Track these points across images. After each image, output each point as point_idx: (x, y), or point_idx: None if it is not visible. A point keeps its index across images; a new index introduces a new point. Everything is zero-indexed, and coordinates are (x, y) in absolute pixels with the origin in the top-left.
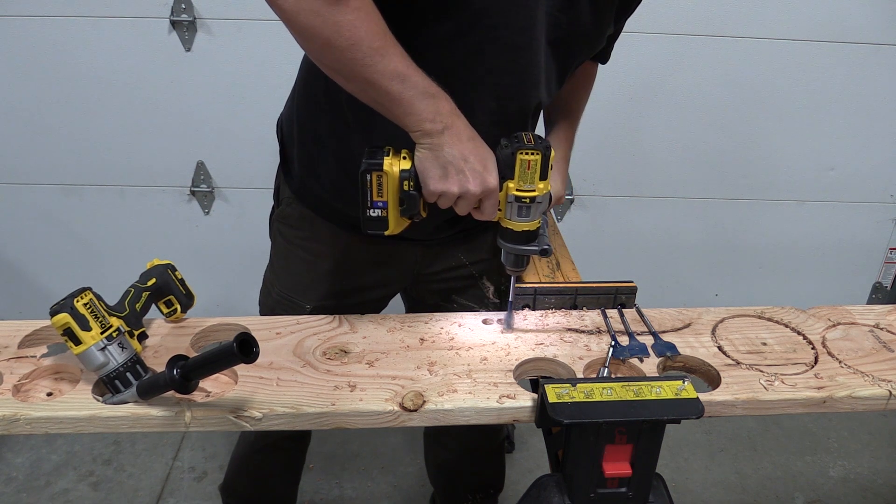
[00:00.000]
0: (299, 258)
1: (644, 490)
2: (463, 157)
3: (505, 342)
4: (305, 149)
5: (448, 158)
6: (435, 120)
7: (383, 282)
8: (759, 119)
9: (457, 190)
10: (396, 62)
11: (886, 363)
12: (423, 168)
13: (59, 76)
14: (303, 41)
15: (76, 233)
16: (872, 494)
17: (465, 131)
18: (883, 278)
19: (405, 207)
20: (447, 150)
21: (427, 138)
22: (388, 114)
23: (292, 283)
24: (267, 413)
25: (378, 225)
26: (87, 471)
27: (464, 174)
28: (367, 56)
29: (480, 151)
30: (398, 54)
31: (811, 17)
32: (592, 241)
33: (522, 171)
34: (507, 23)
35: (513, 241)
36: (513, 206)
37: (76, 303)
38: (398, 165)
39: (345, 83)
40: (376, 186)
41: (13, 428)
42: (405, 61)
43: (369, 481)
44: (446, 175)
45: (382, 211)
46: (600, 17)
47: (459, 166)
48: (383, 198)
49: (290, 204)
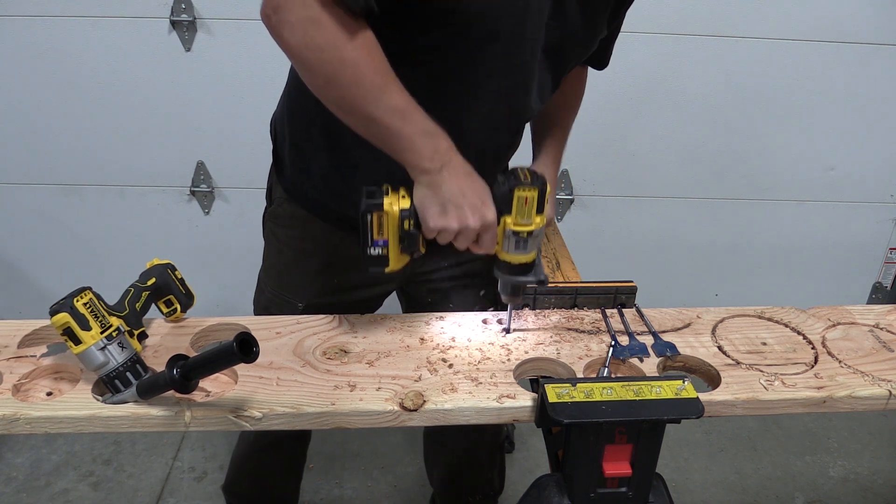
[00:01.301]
0: (291, 257)
1: (644, 490)
2: (461, 192)
3: (505, 342)
4: (297, 147)
5: (447, 195)
6: (433, 158)
7: (376, 280)
8: (759, 119)
9: (456, 226)
10: (397, 99)
11: (886, 363)
12: (423, 206)
13: (59, 76)
14: (306, 75)
15: (76, 233)
16: (872, 494)
17: (462, 167)
18: (883, 278)
19: (405, 245)
20: (446, 186)
21: (426, 176)
22: (387, 149)
23: (285, 281)
24: (267, 413)
25: (379, 263)
26: (87, 471)
27: (462, 210)
28: (370, 92)
29: (477, 187)
30: (399, 91)
31: (811, 17)
32: (592, 241)
33: (520, 206)
34: (502, 31)
35: (510, 273)
36: (510, 240)
37: (76, 302)
38: (398, 205)
39: (345, 117)
40: (377, 226)
41: (13, 428)
42: (406, 98)
43: (369, 481)
44: (445, 211)
45: (383, 249)
46: (591, 22)
47: (458, 202)
48: (384, 236)
49: (281, 203)
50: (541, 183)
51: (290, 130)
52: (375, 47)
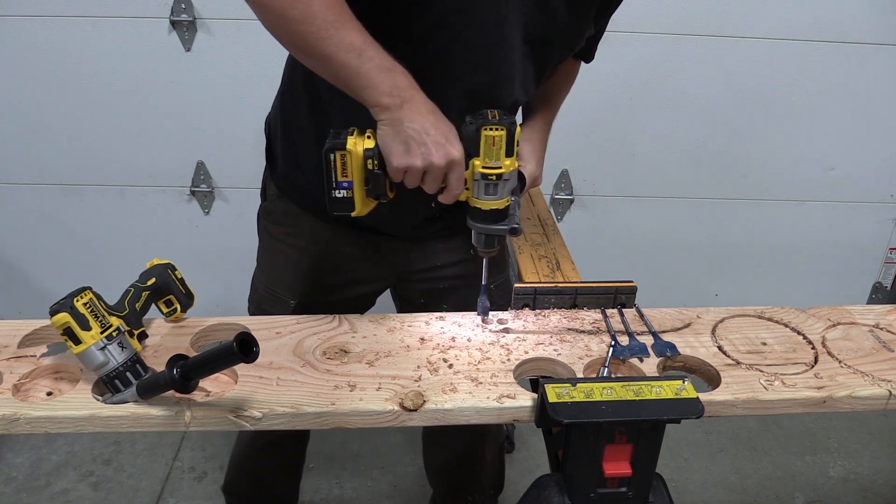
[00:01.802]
0: (283, 254)
1: (644, 490)
2: (424, 130)
3: (505, 342)
4: (289, 141)
5: (409, 133)
6: (393, 94)
7: (368, 278)
8: (759, 119)
9: (420, 164)
10: (352, 35)
11: (886, 363)
12: (385, 144)
13: (59, 76)
14: (259, 13)
15: (76, 233)
16: (872, 494)
17: (424, 105)
18: (883, 278)
19: (370, 187)
20: (407, 124)
21: (386, 113)
22: (346, 88)
23: (277, 278)
24: (267, 413)
25: (344, 206)
26: (87, 471)
27: (426, 147)
28: (322, 29)
29: (441, 124)
30: (354, 28)
31: (811, 17)
32: (592, 241)
33: (487, 147)
34: (477, 21)
35: (482, 221)
36: (480, 185)
37: (76, 302)
38: (362, 145)
39: (303, 58)
40: (340, 166)
41: (13, 428)
42: (361, 35)
43: (369, 481)
44: (409, 150)
45: (348, 191)
46: (578, 17)
47: (421, 139)
48: (348, 178)
49: (274, 200)
50: (509, 123)
51: (282, 125)
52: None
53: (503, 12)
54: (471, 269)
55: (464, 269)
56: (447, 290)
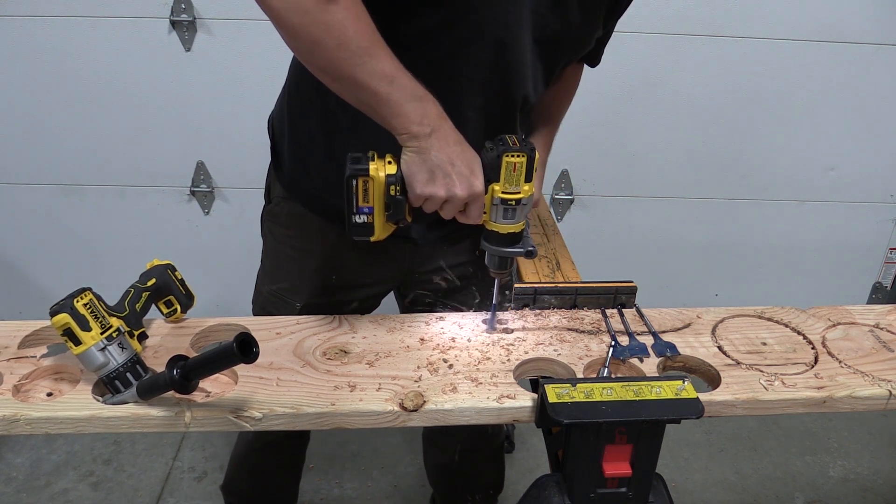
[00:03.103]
0: (288, 256)
1: (644, 490)
2: (450, 160)
3: (505, 342)
4: (297, 144)
5: (435, 162)
6: (422, 122)
7: (373, 280)
8: (759, 119)
9: (444, 194)
10: (385, 63)
11: (886, 363)
12: (410, 172)
13: (59, 76)
14: (291, 40)
15: (76, 233)
16: (872, 494)
17: (451, 135)
18: (883, 278)
19: (391, 212)
20: (434, 153)
21: (414, 141)
22: (374, 115)
23: (282, 281)
24: (267, 413)
25: (364, 231)
26: (87, 471)
27: (450, 178)
28: (356, 56)
29: (467, 155)
30: (386, 55)
31: (811, 17)
32: (592, 241)
33: (508, 173)
34: (493, 18)
35: (498, 244)
36: (498, 209)
37: (76, 303)
38: (384, 170)
39: (332, 83)
40: (362, 192)
41: (13, 428)
42: (393, 63)
43: (369, 481)
44: (433, 179)
45: (368, 216)
46: (589, 18)
47: (446, 170)
48: (369, 203)
49: (279, 202)
50: (529, 149)
51: (288, 126)
52: (361, 10)
53: (518, 11)
54: (475, 270)
55: (468, 271)
56: (451, 290)
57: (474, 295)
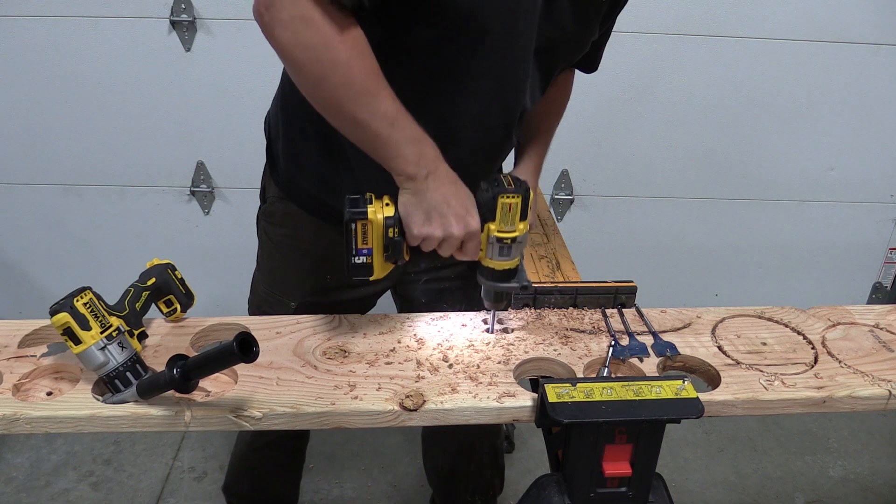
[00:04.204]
0: (283, 256)
1: (644, 490)
2: (446, 201)
3: (505, 342)
4: (291, 142)
5: (431, 203)
6: (419, 164)
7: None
8: (759, 119)
9: (440, 234)
10: (387, 104)
11: (886, 363)
12: (407, 213)
13: (60, 76)
14: (296, 75)
15: (76, 233)
16: (872, 494)
17: (447, 176)
18: (883, 278)
19: (390, 253)
20: (430, 194)
21: (411, 183)
22: (372, 154)
23: (277, 280)
24: (267, 413)
25: (363, 271)
26: (87, 471)
27: (447, 218)
28: (360, 96)
29: (462, 195)
30: (389, 96)
31: (811, 17)
32: (592, 241)
33: (503, 213)
34: (490, 29)
35: (493, 279)
36: (494, 247)
37: (76, 302)
38: (382, 213)
39: (333, 119)
40: (361, 235)
41: (13, 428)
42: (395, 104)
43: (369, 481)
44: (430, 219)
45: (367, 258)
46: (583, 24)
47: (442, 210)
48: (368, 245)
49: (274, 202)
50: (524, 190)
51: (283, 126)
52: (367, 49)
53: (515, 20)
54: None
55: (465, 270)
56: (447, 290)
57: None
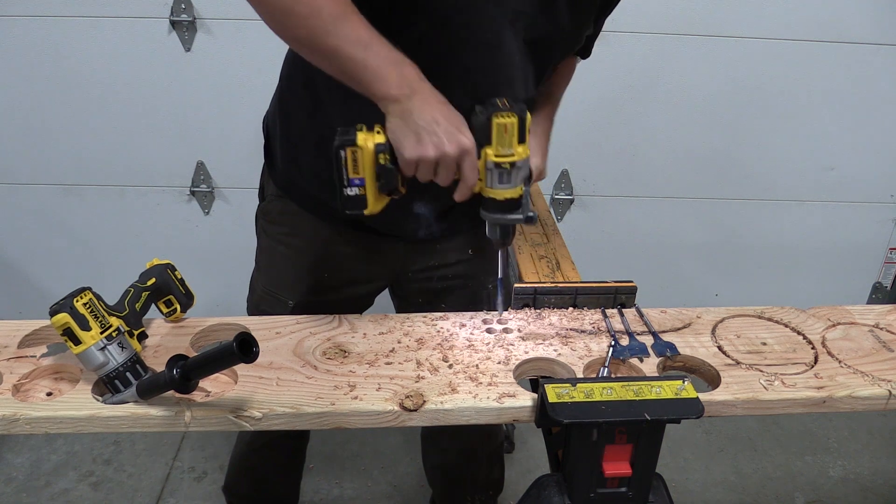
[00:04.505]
0: (281, 254)
1: (644, 490)
2: (434, 120)
3: (505, 342)
4: (288, 140)
5: (420, 123)
6: (402, 85)
7: (366, 278)
8: (759, 119)
9: (433, 154)
10: (359, 29)
11: (886, 363)
12: (397, 137)
13: (60, 76)
14: (263, 13)
15: (76, 233)
16: (872, 494)
17: (433, 95)
18: (883, 278)
19: (383, 182)
20: (418, 114)
21: (396, 105)
22: (354, 83)
23: (275, 278)
24: (267, 413)
25: (356, 204)
26: (87, 471)
27: (437, 136)
28: (329, 23)
29: (451, 114)
30: (359, 21)
31: (811, 17)
32: (592, 241)
33: (499, 135)
34: (479, 23)
35: (496, 211)
36: (493, 174)
37: (76, 302)
38: (372, 140)
39: (309, 55)
40: (351, 163)
41: (13, 428)
42: (367, 28)
43: (369, 481)
44: (420, 141)
45: (360, 189)
46: (580, 18)
47: (432, 129)
48: (360, 174)
49: (272, 200)
50: (520, 109)
51: (280, 123)
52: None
53: (505, 14)
54: (469, 269)
55: (462, 270)
56: (445, 290)
57: (469, 297)
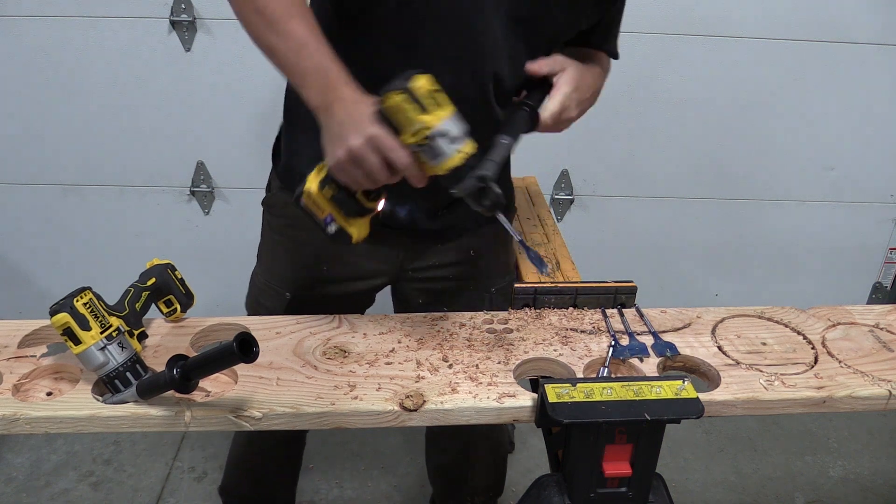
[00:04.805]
0: (282, 246)
1: (644, 490)
2: (340, 122)
3: (505, 342)
4: (291, 133)
5: (333, 130)
6: (324, 94)
7: (365, 273)
8: (759, 119)
9: (344, 154)
10: (297, 31)
11: (886, 363)
12: (325, 154)
13: (59, 76)
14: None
15: (76, 233)
16: (872, 494)
17: (350, 97)
18: (883, 278)
19: (347, 209)
20: (332, 122)
21: (320, 115)
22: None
23: (275, 270)
24: (267, 413)
25: (341, 238)
26: (87, 471)
27: (342, 137)
28: (271, 23)
29: (359, 110)
30: (300, 23)
31: (811, 17)
32: (592, 241)
33: (397, 118)
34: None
35: (449, 184)
36: (422, 154)
37: (76, 302)
38: (316, 179)
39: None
40: (314, 206)
41: (13, 428)
42: (306, 30)
43: (369, 481)
44: (333, 146)
45: (333, 224)
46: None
47: (338, 132)
48: (325, 212)
49: (276, 192)
50: (404, 79)
51: (284, 114)
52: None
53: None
54: (468, 271)
55: (461, 271)
56: (445, 291)
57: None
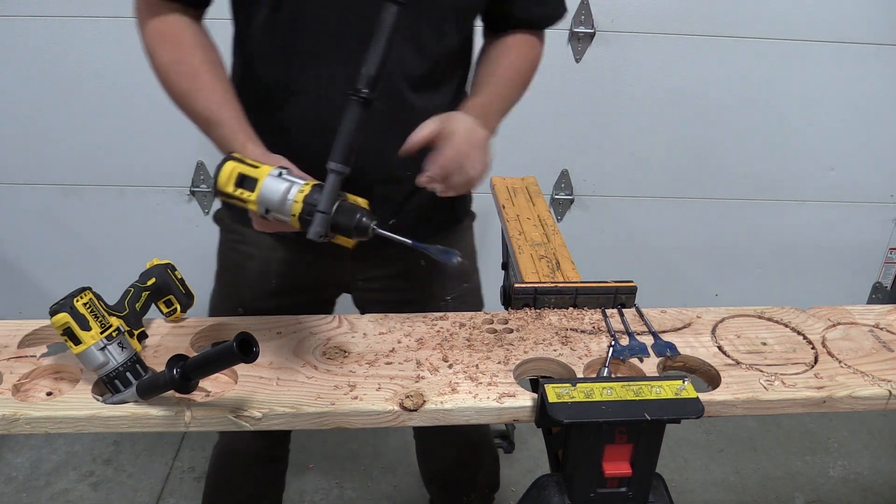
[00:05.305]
0: (232, 261)
1: (644, 490)
2: None
3: (505, 342)
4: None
5: None
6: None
7: (313, 284)
8: (759, 119)
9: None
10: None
11: (886, 363)
12: None
13: (59, 76)
14: None
15: (76, 233)
16: (872, 494)
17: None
18: (883, 278)
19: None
20: None
21: None
22: None
23: (227, 285)
24: (267, 412)
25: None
26: (87, 471)
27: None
28: (178, 99)
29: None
30: (204, 98)
31: (811, 17)
32: (592, 241)
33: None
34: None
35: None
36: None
37: (76, 302)
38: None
39: None
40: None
41: (13, 428)
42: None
43: (369, 481)
44: None
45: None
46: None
47: None
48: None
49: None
50: (219, 164)
51: None
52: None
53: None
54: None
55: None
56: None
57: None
